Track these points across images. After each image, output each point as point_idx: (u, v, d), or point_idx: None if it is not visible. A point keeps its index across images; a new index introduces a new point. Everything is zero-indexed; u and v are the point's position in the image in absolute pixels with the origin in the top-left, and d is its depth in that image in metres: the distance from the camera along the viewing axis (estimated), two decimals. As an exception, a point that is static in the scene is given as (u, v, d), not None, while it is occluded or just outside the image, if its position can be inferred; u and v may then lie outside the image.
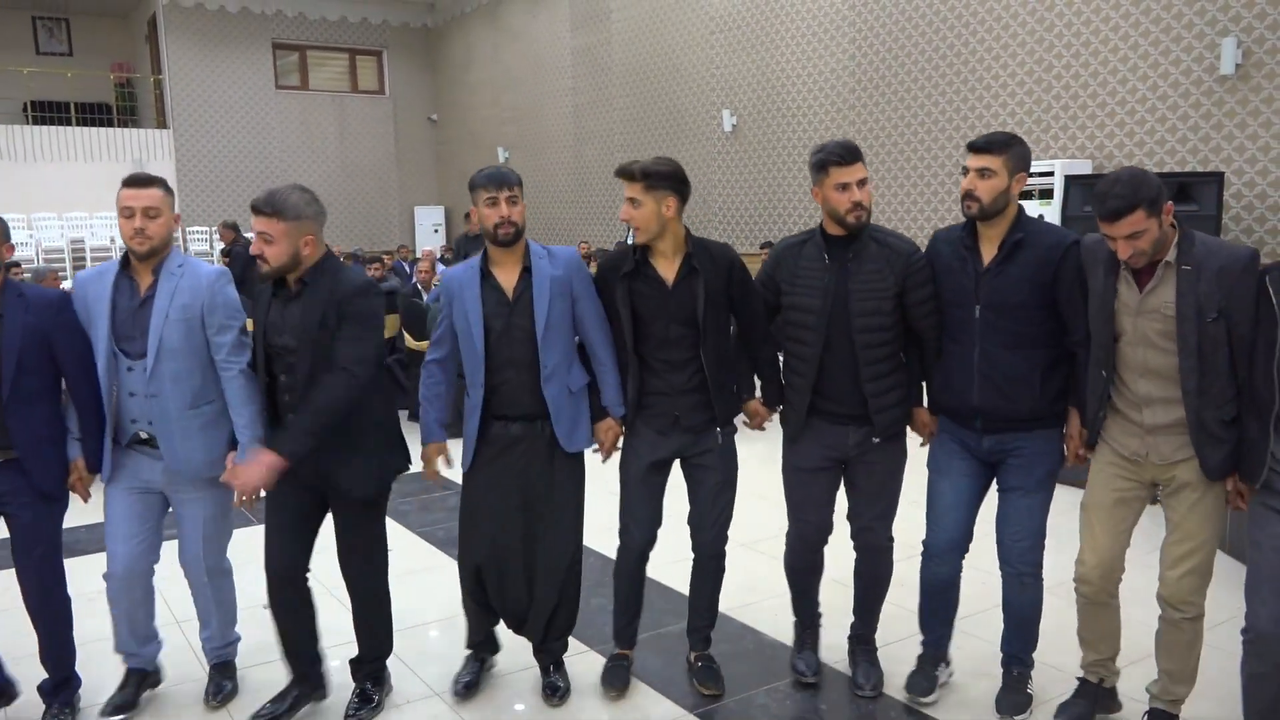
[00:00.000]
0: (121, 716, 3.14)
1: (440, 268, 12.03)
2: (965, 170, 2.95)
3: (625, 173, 3.00)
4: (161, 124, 16.91)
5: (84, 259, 14.60)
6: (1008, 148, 2.88)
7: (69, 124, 16.28)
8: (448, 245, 16.02)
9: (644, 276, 3.07)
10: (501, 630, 3.39)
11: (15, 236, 14.78)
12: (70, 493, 3.05)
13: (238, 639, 3.38)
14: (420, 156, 18.99)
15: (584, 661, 3.50)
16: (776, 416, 3.31)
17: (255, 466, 2.81)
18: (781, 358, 3.23)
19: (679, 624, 3.83)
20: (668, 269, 3.06)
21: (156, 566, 3.15)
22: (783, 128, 11.26)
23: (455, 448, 3.22)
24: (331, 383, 2.82)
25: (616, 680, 3.30)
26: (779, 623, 3.72)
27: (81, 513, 3.23)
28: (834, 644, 3.47)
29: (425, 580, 4.34)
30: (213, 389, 3.04)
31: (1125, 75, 7.91)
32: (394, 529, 4.21)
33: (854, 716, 3.16)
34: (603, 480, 3.34)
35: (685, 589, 4.02)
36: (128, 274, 3.01)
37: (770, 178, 11.46)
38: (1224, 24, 7.23)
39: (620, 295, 3.07)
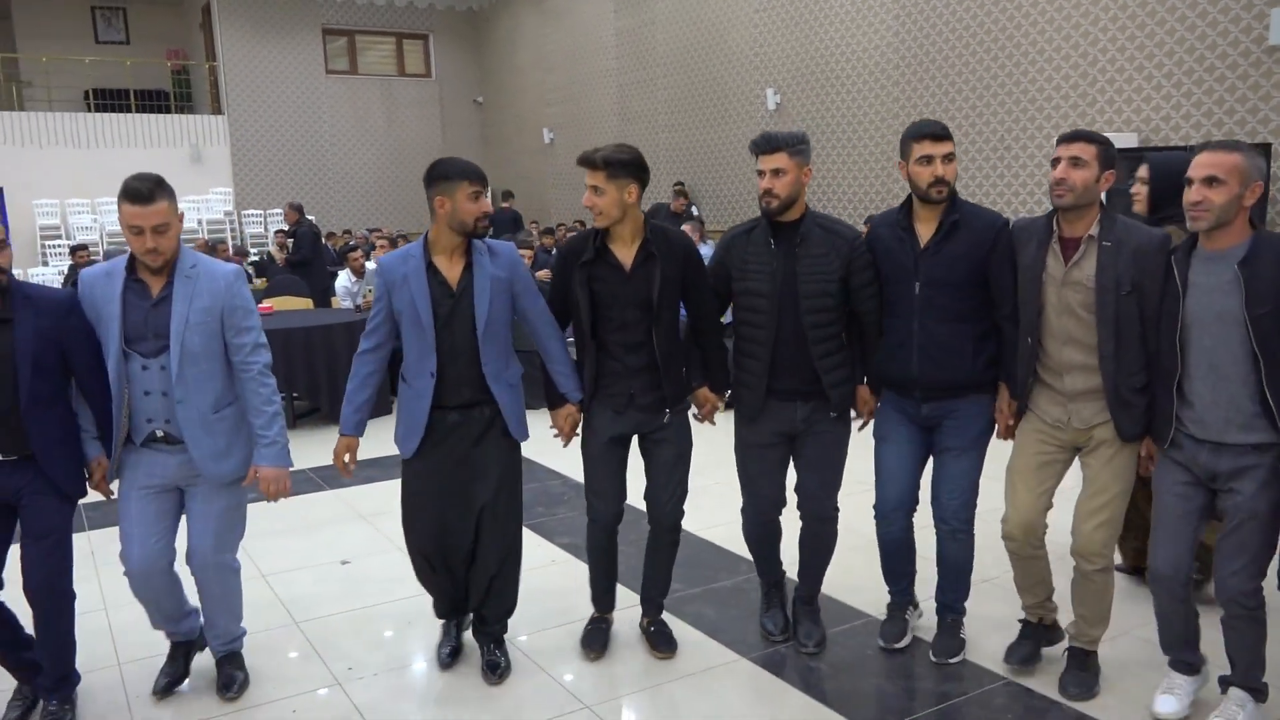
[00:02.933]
0: (176, 689, 3.23)
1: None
2: (927, 159, 3.04)
3: (587, 161, 3.10)
4: (217, 110, 17.33)
5: (145, 242, 15.04)
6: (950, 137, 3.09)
7: (128, 110, 16.75)
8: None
9: (603, 263, 3.16)
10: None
11: (80, 220, 15.33)
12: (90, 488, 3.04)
13: (244, 632, 3.38)
14: (466, 138, 19.25)
15: (626, 616, 3.70)
16: (721, 407, 3.47)
17: (282, 473, 3.08)
18: (731, 344, 3.39)
19: (731, 579, 4.05)
20: (626, 255, 3.16)
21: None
22: (826, 105, 11.31)
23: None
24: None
25: (595, 642, 3.45)
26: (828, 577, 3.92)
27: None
28: (875, 600, 3.64)
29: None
30: (232, 390, 3.06)
31: (1172, 47, 7.89)
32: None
33: (887, 666, 3.34)
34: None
35: (732, 548, 4.23)
36: (137, 275, 2.96)
37: (815, 155, 11.50)
38: (1273, -6, 7.19)
39: (579, 281, 3.16)
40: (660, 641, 3.48)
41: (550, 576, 4.16)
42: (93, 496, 3.13)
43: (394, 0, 18.60)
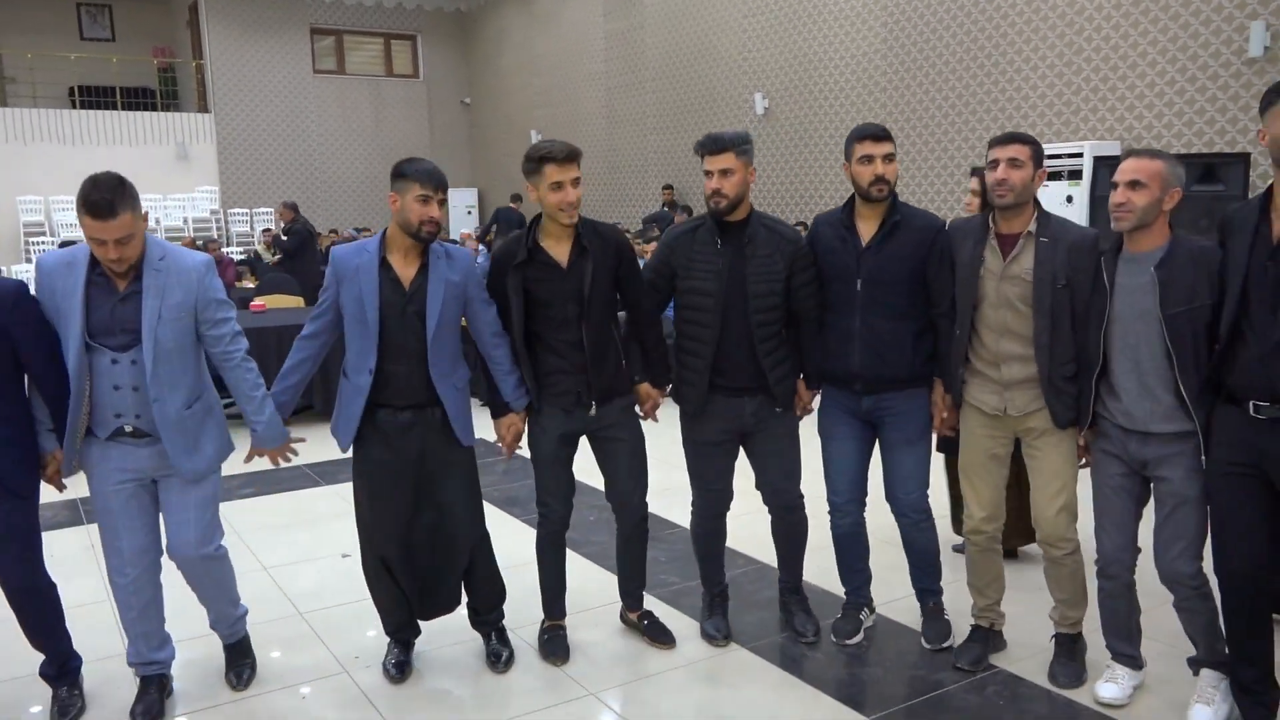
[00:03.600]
0: None
1: (481, 249, 12.34)
2: (868, 158, 3.15)
3: (571, 156, 3.15)
4: (203, 108, 17.29)
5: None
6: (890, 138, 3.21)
7: (114, 108, 16.69)
8: (480, 227, 16.31)
9: (538, 263, 3.18)
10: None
11: (64, 217, 15.25)
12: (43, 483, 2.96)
13: (245, 613, 3.35)
14: (454, 139, 19.29)
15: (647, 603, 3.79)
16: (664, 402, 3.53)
17: (281, 445, 3.16)
18: (672, 342, 3.46)
19: (733, 571, 4.13)
20: (560, 252, 3.19)
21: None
22: (814, 110, 11.44)
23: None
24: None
25: (559, 649, 3.43)
26: (820, 570, 4.02)
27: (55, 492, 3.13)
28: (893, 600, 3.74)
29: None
30: (200, 383, 3.01)
31: (1155, 58, 8.05)
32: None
33: (884, 655, 3.43)
34: (657, 446, 3.59)
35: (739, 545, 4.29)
36: (100, 270, 2.83)
37: (802, 160, 11.65)
38: (1253, 7, 7.36)
39: (513, 285, 3.17)
40: (659, 633, 3.54)
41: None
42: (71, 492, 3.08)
43: (382, 1, 18.62)
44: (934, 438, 3.43)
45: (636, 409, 3.46)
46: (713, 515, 3.52)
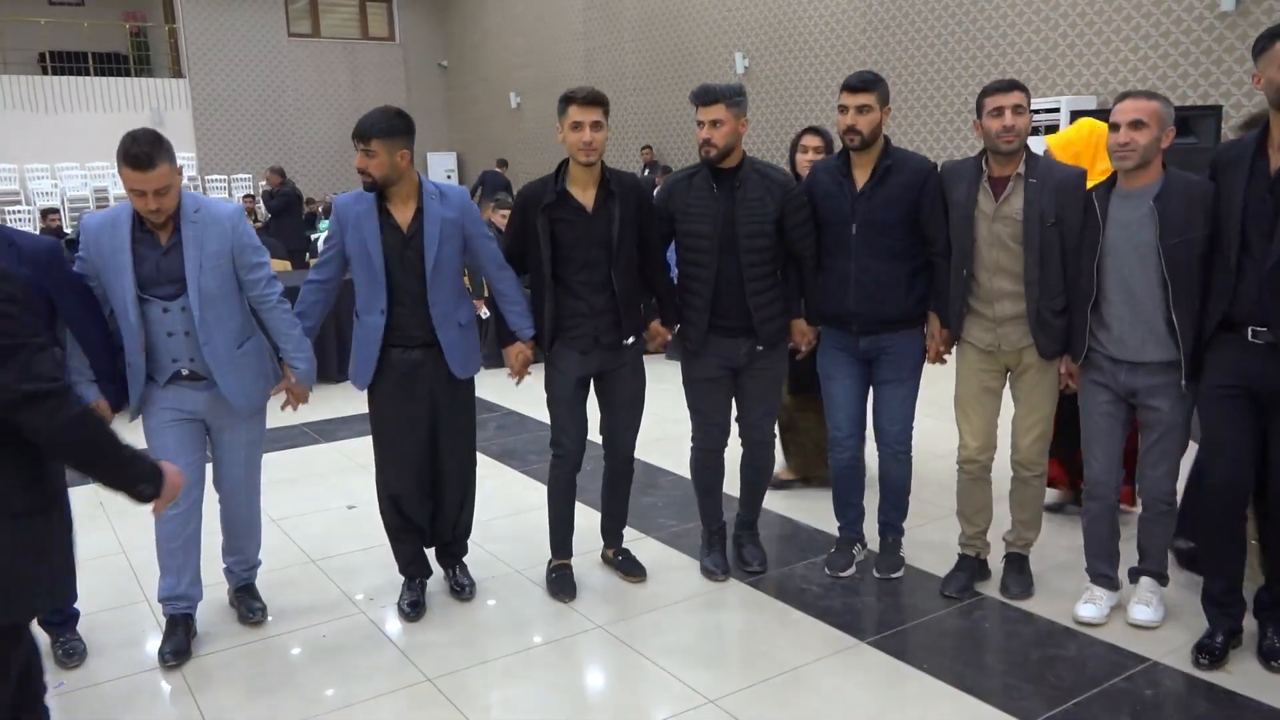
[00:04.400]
0: (181, 665, 3.15)
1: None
2: (844, 108, 3.31)
3: (594, 98, 3.29)
4: (177, 73, 17.11)
5: (106, 205, 14.90)
6: (877, 85, 3.32)
7: (86, 74, 16.48)
8: (472, 190, 16.28)
9: (565, 205, 3.31)
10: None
11: (39, 186, 15.12)
12: None
13: (260, 561, 3.53)
14: (431, 103, 19.17)
15: (644, 546, 3.95)
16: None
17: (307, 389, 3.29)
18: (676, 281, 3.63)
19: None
20: (586, 197, 3.32)
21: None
22: (794, 69, 11.49)
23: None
24: None
25: (565, 586, 3.58)
26: (811, 510, 4.18)
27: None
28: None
29: (489, 486, 4.77)
30: (250, 325, 3.19)
31: (1130, 13, 8.17)
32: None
33: (874, 587, 3.60)
34: (651, 397, 3.72)
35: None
36: (144, 226, 3.00)
37: (782, 119, 11.72)
38: (1226, -39, 7.48)
39: (542, 226, 3.29)
40: (632, 568, 3.72)
41: (544, 518, 4.31)
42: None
43: (356, -38, 18.41)
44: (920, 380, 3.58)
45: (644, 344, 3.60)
46: (712, 449, 3.67)
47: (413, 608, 3.46)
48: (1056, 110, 8.07)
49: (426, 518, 3.49)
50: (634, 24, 13.93)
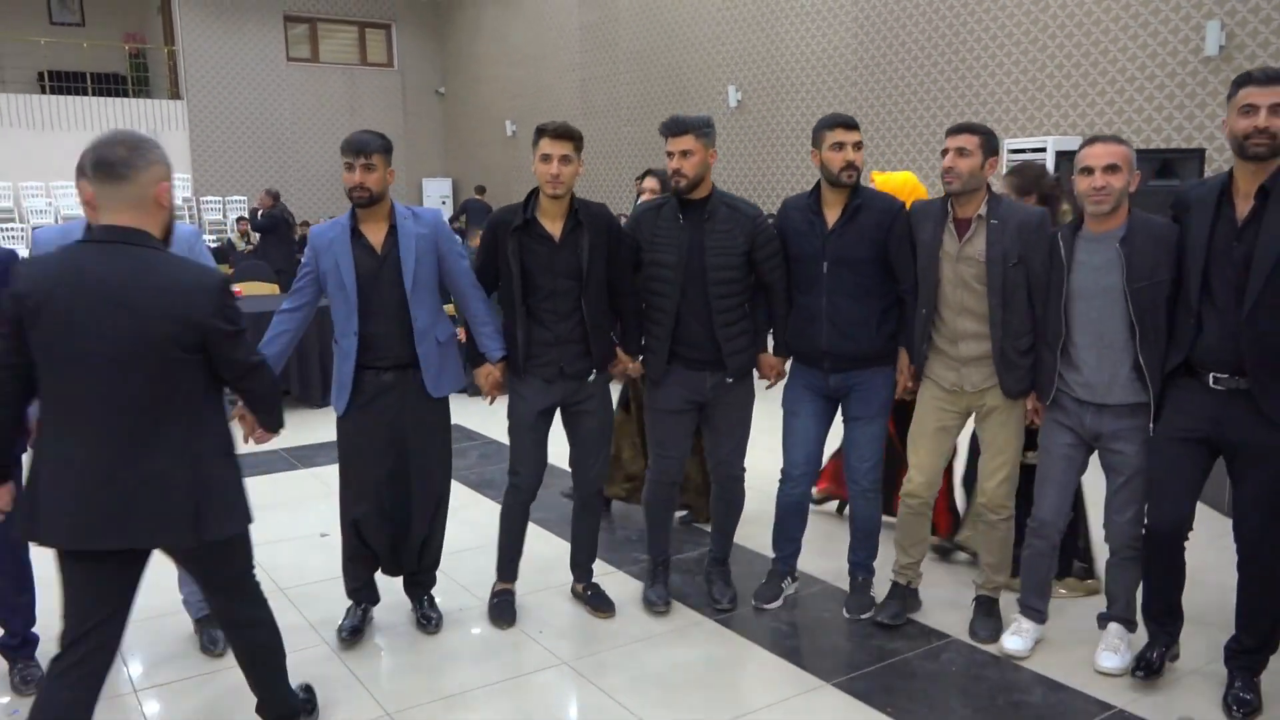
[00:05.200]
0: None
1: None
2: (839, 145, 3.36)
3: (565, 132, 3.28)
4: (175, 95, 17.20)
5: (101, 227, 14.92)
6: (858, 128, 3.42)
7: (84, 94, 16.56)
8: (454, 217, 16.35)
9: (532, 233, 3.32)
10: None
11: (34, 204, 15.15)
12: None
13: None
14: (428, 129, 19.29)
15: (615, 580, 3.93)
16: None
17: None
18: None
19: (695, 550, 4.26)
20: (554, 226, 3.34)
21: None
22: (786, 103, 11.59)
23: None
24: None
25: (505, 613, 3.59)
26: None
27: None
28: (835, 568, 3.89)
29: (464, 516, 4.74)
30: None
31: (1115, 55, 8.26)
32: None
33: (846, 627, 3.58)
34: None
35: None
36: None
37: (774, 152, 11.80)
38: (1209, 7, 7.58)
39: (511, 250, 3.31)
40: (601, 603, 3.69)
41: (531, 545, 4.29)
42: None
43: (356, -11, 18.58)
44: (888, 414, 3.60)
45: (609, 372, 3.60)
46: (667, 482, 3.66)
47: (351, 634, 3.45)
48: (1043, 150, 8.13)
49: (385, 545, 3.46)
50: (629, 55, 14.06)
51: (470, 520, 4.61)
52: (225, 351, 2.35)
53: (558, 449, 3.71)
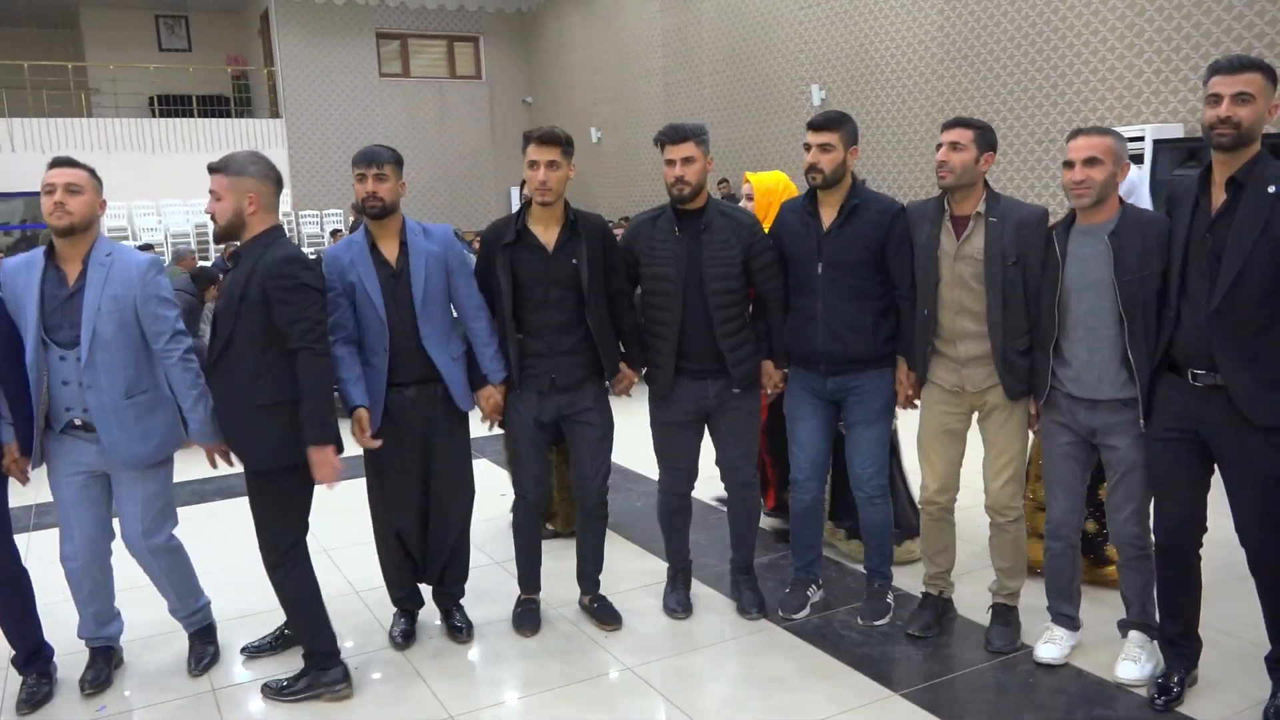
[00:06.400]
0: (100, 693, 3.19)
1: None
2: (807, 146, 3.29)
3: (551, 138, 3.26)
4: (275, 113, 17.85)
5: (207, 242, 15.56)
6: (842, 125, 3.29)
7: (190, 115, 17.32)
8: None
9: (525, 245, 3.30)
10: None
11: (145, 222, 15.88)
12: (6, 475, 3.08)
13: (206, 604, 3.44)
14: (515, 138, 19.20)
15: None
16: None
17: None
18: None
19: (767, 556, 4.19)
20: (548, 236, 3.31)
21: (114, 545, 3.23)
22: (871, 100, 11.37)
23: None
24: (302, 365, 2.90)
25: (530, 621, 3.57)
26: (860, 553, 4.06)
27: (18, 494, 3.22)
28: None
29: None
30: (147, 377, 3.09)
31: (1219, 36, 7.85)
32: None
33: (867, 638, 3.46)
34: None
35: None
36: (55, 263, 3.01)
37: (862, 148, 11.58)
38: (1321, -18, 7.14)
39: (501, 264, 3.29)
40: (606, 615, 3.63)
41: (562, 558, 4.14)
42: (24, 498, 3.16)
43: (445, 4, 18.98)
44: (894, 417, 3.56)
45: (608, 385, 3.56)
46: (679, 493, 3.62)
47: (404, 637, 3.50)
48: (1141, 139, 7.78)
49: (423, 552, 3.50)
50: (712, 58, 14.00)
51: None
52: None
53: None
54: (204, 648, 3.41)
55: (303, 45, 17.72)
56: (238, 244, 3.09)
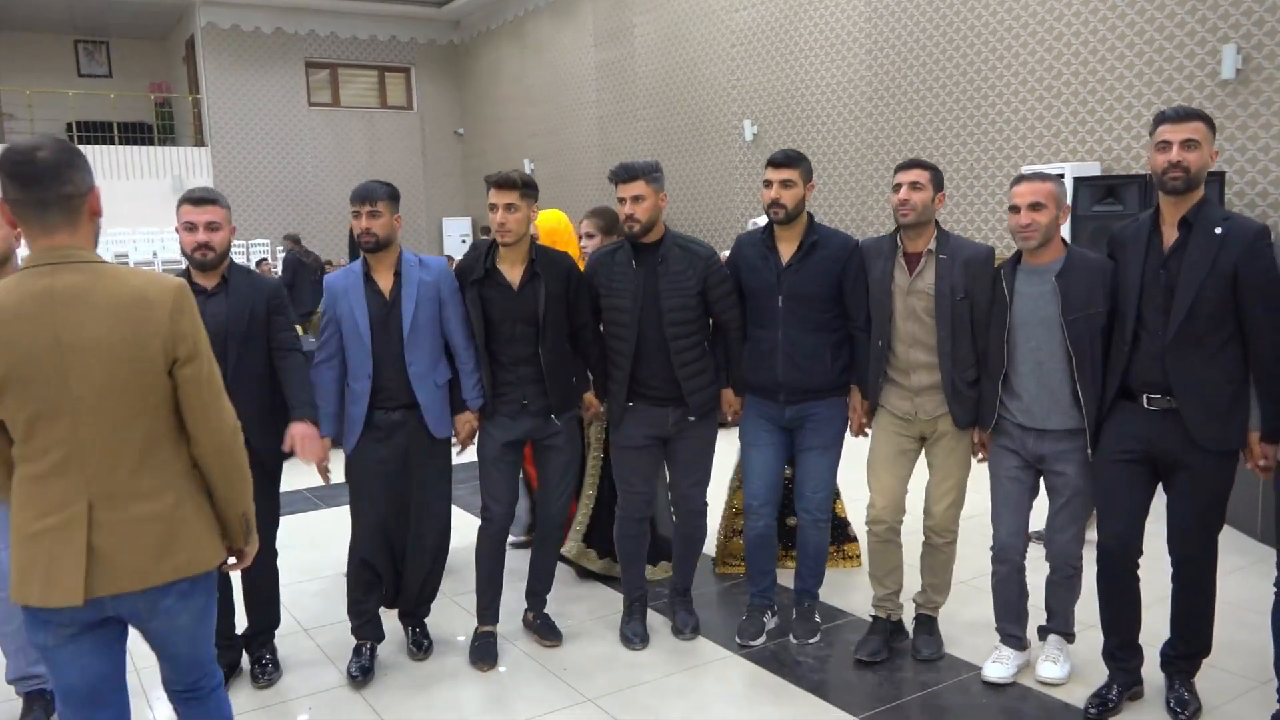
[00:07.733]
0: None
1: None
2: (768, 183, 3.46)
3: (506, 181, 3.37)
4: (199, 142, 17.49)
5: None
6: (801, 162, 3.47)
7: (111, 143, 16.88)
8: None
9: (493, 282, 3.43)
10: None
11: (63, 251, 15.35)
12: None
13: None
14: (447, 169, 19.50)
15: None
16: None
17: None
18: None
19: (720, 585, 4.23)
20: (514, 274, 3.45)
21: None
22: (802, 136, 11.65)
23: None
24: (295, 364, 3.29)
25: (488, 655, 3.57)
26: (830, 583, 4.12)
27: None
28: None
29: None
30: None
31: (1131, 81, 8.26)
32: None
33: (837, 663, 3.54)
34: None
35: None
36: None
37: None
38: (1225, 31, 7.58)
39: (471, 299, 3.44)
40: (548, 632, 3.74)
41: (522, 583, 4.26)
42: None
43: (376, 34, 18.89)
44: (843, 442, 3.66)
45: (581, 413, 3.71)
46: (636, 518, 3.69)
47: (362, 673, 3.47)
48: (1061, 176, 8.09)
49: (391, 578, 3.55)
50: (646, 92, 14.19)
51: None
52: None
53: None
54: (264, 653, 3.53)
55: (229, 73, 17.43)
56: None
